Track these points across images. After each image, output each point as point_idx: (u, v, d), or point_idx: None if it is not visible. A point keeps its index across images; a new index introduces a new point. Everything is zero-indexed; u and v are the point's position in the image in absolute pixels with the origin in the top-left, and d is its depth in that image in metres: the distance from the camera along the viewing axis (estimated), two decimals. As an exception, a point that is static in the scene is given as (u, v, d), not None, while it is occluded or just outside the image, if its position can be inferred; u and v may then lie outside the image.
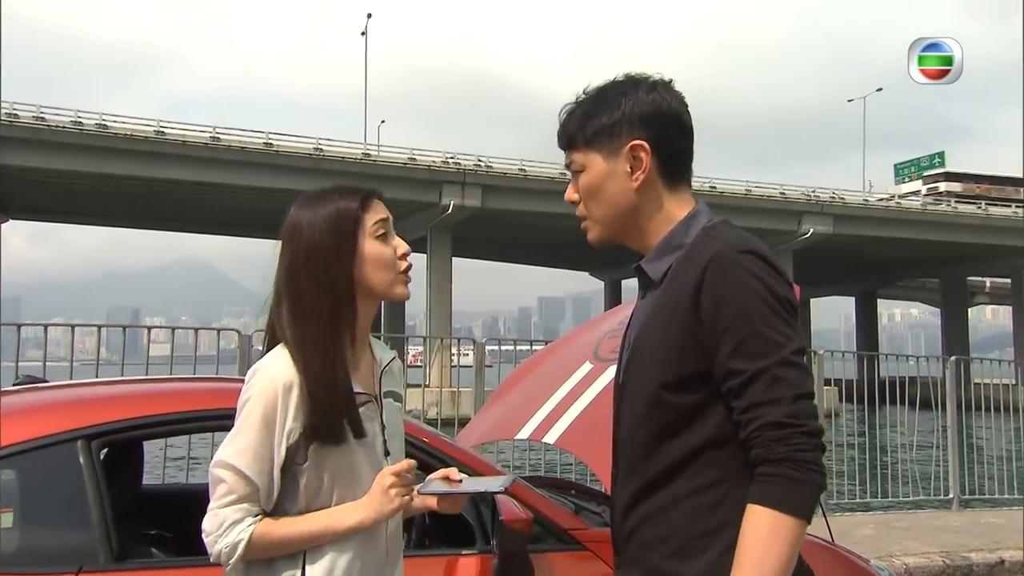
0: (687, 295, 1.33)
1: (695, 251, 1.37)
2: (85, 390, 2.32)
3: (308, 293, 1.46)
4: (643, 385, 1.39)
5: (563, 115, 1.49)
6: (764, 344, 1.29)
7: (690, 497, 1.35)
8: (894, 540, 6.13)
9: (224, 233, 46.35)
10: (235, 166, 30.82)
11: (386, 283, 1.50)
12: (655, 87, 1.44)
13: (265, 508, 1.42)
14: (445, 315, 35.26)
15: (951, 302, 51.64)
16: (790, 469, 1.25)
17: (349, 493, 1.45)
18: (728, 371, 1.30)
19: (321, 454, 1.42)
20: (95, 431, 1.88)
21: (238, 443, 1.41)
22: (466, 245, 40.36)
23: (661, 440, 1.36)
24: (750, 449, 1.29)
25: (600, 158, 1.43)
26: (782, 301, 1.32)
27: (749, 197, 37.96)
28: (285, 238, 1.48)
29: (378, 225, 1.49)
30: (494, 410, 3.59)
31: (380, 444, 1.50)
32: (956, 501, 7.65)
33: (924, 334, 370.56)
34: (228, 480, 1.40)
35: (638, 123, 1.41)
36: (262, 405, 1.42)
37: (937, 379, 8.49)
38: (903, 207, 42.71)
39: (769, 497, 1.25)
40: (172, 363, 6.05)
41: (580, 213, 1.49)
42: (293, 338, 1.45)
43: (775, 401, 1.27)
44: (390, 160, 33.90)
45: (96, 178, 30.67)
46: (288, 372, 1.43)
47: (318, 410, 1.41)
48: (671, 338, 1.35)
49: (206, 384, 2.42)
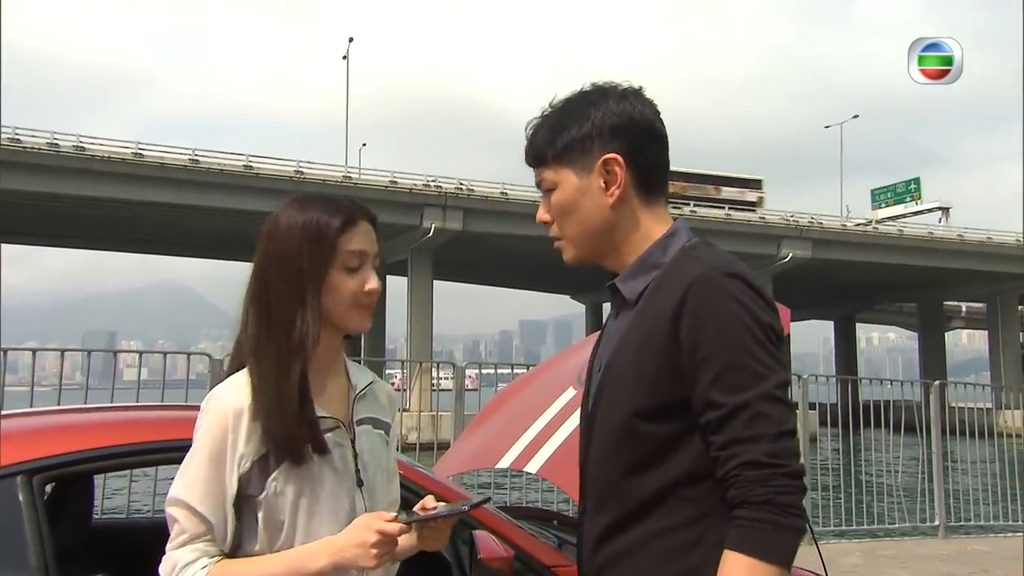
0: (666, 318, 1.25)
1: (674, 272, 1.29)
2: (30, 420, 2.16)
3: (273, 300, 1.35)
4: (615, 413, 1.30)
5: (529, 131, 1.40)
6: (747, 376, 1.22)
7: (664, 536, 1.26)
8: (882, 569, 6.04)
9: (203, 256, 46.01)
10: (214, 188, 30.62)
11: (341, 315, 1.38)
12: (625, 96, 1.37)
13: (222, 548, 1.29)
14: (426, 338, 35.10)
15: (928, 326, 52.13)
16: (771, 513, 1.18)
17: (314, 529, 1.31)
18: (707, 402, 1.23)
19: (279, 484, 1.29)
20: (37, 465, 1.73)
21: (187, 476, 1.30)
22: (447, 268, 40.24)
23: (634, 473, 1.28)
24: (728, 488, 1.21)
25: (572, 174, 1.35)
26: (766, 329, 1.25)
27: (729, 221, 38.26)
28: (261, 239, 1.38)
29: (350, 256, 1.37)
30: (474, 438, 3.46)
31: (352, 474, 1.37)
32: (942, 528, 7.57)
33: (901, 358, 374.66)
34: (180, 518, 1.29)
35: (609, 135, 1.33)
36: (211, 435, 1.31)
37: (915, 403, 8.49)
38: (880, 232, 43.21)
39: (747, 543, 1.18)
40: (139, 388, 5.85)
41: (554, 233, 1.40)
42: (251, 352, 1.34)
43: (755, 439, 1.20)
44: (371, 183, 33.82)
45: (74, 200, 30.36)
46: (238, 397, 1.32)
47: (271, 434, 1.29)
48: (646, 363, 1.27)
49: (164, 412, 2.26)
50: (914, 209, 50.72)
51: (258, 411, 1.30)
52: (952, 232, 43.93)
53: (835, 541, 7.07)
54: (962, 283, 45.26)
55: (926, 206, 50.91)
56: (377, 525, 1.28)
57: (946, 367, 52.06)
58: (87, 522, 2.35)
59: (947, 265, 40.99)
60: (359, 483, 1.37)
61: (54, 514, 1.90)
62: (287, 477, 1.30)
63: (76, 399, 5.34)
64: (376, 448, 1.43)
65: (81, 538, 2.24)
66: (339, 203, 1.40)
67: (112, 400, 5.47)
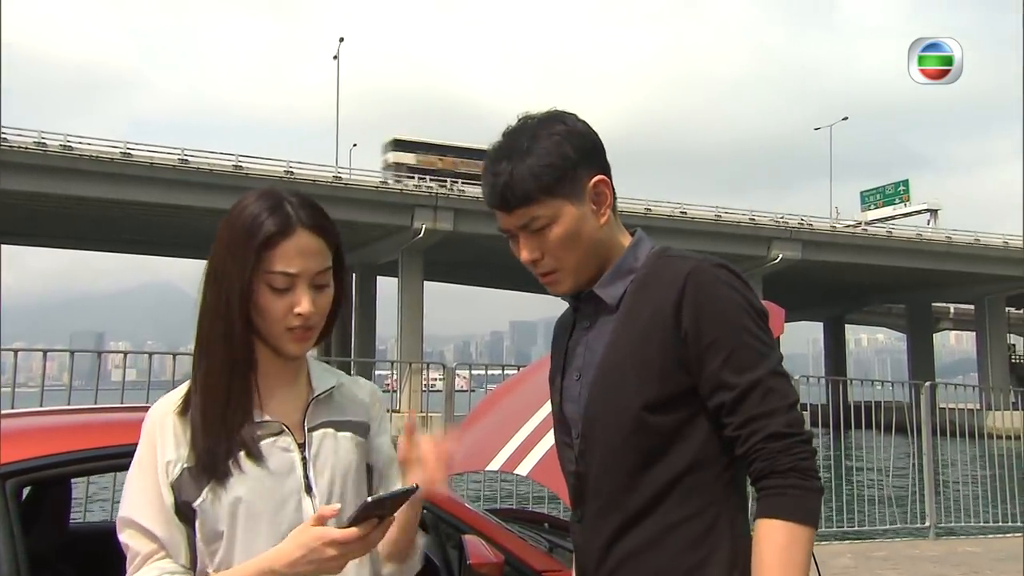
0: (667, 313, 1.30)
1: (660, 272, 1.35)
2: (6, 422, 2.10)
3: (207, 314, 1.28)
4: (619, 411, 1.32)
5: (502, 175, 1.34)
6: (753, 356, 1.28)
7: (677, 528, 1.29)
8: (873, 570, 6.03)
9: (193, 256, 45.66)
10: (204, 188, 30.47)
11: (268, 334, 1.27)
12: (576, 119, 1.39)
13: (180, 562, 1.23)
14: (417, 339, 35.04)
15: (917, 327, 52.42)
16: (797, 479, 1.25)
17: (252, 539, 1.22)
18: (719, 384, 1.28)
19: (215, 492, 1.22)
20: (10, 469, 1.68)
21: (128, 492, 1.25)
22: (438, 269, 40.20)
23: (645, 467, 1.30)
24: (752, 462, 1.27)
25: (569, 204, 1.34)
26: (760, 313, 1.33)
27: (719, 222, 38.35)
28: (219, 225, 1.29)
29: (277, 276, 1.24)
30: (463, 440, 3.41)
31: (298, 479, 1.27)
32: (932, 529, 7.57)
33: (890, 359, 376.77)
34: (129, 541, 1.23)
35: (587, 158, 1.36)
36: (142, 445, 1.27)
37: (904, 404, 8.51)
38: (870, 233, 43.43)
39: (784, 509, 1.24)
40: (124, 390, 5.78)
41: (546, 268, 1.38)
42: (195, 347, 1.29)
43: (772, 412, 1.27)
44: (362, 184, 33.76)
45: (61, 200, 30.15)
46: (166, 404, 1.29)
47: (194, 445, 1.24)
48: (648, 358, 1.30)
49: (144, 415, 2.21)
50: (903, 211, 51.03)
51: (191, 416, 1.26)
52: (940, 234, 44.19)
53: (826, 542, 7.06)
54: (950, 285, 45.53)
55: (915, 208, 51.24)
56: (327, 536, 1.16)
57: (934, 368, 52.35)
58: (64, 527, 2.29)
59: (935, 267, 41.20)
60: (307, 488, 1.28)
61: (29, 519, 1.84)
62: (223, 484, 1.23)
63: (60, 400, 5.27)
64: (331, 451, 1.32)
65: (57, 544, 2.19)
66: (276, 207, 1.25)
67: (96, 401, 5.40)
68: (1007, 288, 43.95)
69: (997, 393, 12.48)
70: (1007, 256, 40.51)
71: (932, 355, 53.22)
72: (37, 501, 2.18)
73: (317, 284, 1.28)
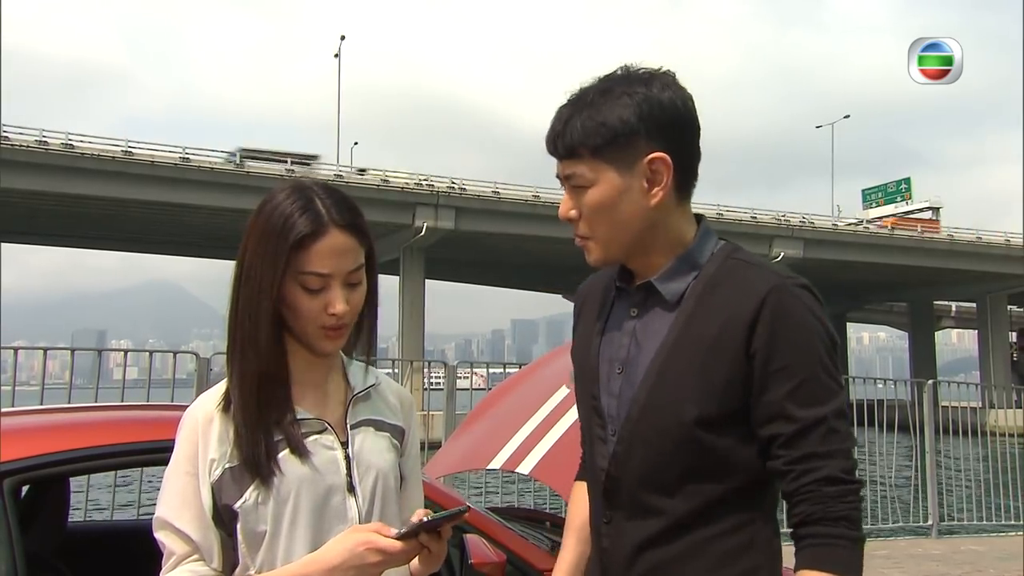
0: (739, 327, 1.22)
1: (732, 277, 1.26)
2: (3, 420, 2.09)
3: (240, 311, 1.26)
4: (671, 423, 1.25)
5: (560, 120, 1.27)
6: (822, 391, 1.22)
7: (715, 541, 1.24)
8: (875, 569, 6.01)
9: (194, 254, 45.72)
10: (205, 186, 30.39)
11: (301, 332, 1.27)
12: (667, 85, 1.26)
13: (213, 566, 1.22)
14: (418, 337, 34.99)
15: (919, 326, 52.33)
16: (847, 529, 1.20)
17: (298, 538, 1.22)
18: (779, 414, 1.21)
19: (261, 493, 1.22)
20: (7, 468, 1.66)
21: (165, 493, 1.25)
22: (439, 267, 40.12)
23: (689, 480, 1.25)
24: (799, 503, 1.21)
25: (614, 172, 1.24)
26: (835, 344, 1.26)
27: (721, 221, 38.25)
28: (247, 224, 1.27)
29: (310, 277, 1.22)
30: (464, 438, 3.40)
31: (342, 477, 1.27)
32: (935, 528, 7.55)
33: (892, 357, 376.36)
34: (165, 541, 1.23)
35: (656, 131, 1.24)
36: (182, 445, 1.26)
37: (906, 402, 8.47)
38: (871, 232, 43.34)
39: (837, 563, 1.18)
40: (124, 388, 5.76)
41: (581, 232, 1.30)
42: (227, 348, 1.28)
43: (831, 454, 1.21)
44: (362, 182, 33.69)
45: (61, 198, 30.10)
46: (209, 403, 1.27)
47: (238, 443, 1.23)
48: (715, 371, 1.23)
49: (145, 413, 2.20)
50: (904, 209, 50.91)
51: (232, 414, 1.25)
52: (942, 232, 44.10)
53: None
54: (952, 283, 45.45)
55: (916, 206, 51.11)
56: (374, 543, 1.17)
57: (936, 366, 52.28)
58: (62, 526, 2.27)
59: (937, 265, 41.14)
60: (350, 488, 1.27)
61: (27, 518, 1.83)
62: (267, 483, 1.22)
63: (61, 398, 5.26)
64: (380, 451, 1.32)
65: (55, 543, 2.17)
66: (307, 206, 1.23)
67: (96, 400, 5.39)
68: (1009, 286, 43.84)
69: (999, 391, 12.45)
70: (1009, 254, 40.45)
71: (934, 353, 53.13)
72: (34, 500, 2.16)
73: (350, 282, 1.26)
